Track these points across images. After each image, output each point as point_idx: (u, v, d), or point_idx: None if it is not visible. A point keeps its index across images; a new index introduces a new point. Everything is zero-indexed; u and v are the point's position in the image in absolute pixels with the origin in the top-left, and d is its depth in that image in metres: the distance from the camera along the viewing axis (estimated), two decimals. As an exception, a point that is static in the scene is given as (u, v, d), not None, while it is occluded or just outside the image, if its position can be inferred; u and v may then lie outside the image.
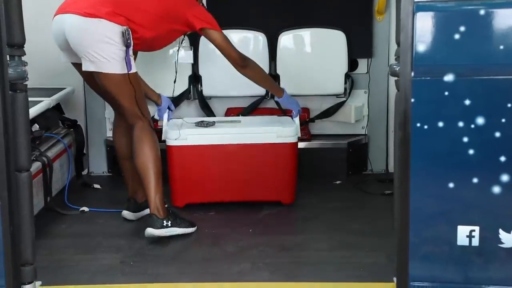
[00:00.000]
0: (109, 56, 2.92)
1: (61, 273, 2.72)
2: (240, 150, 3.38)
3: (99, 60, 2.94)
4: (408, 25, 1.93)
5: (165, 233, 2.99)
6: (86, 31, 2.93)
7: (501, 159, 1.91)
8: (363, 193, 3.69)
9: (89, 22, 2.93)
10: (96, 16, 2.93)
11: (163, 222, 2.99)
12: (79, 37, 2.96)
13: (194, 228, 3.11)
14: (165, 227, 2.98)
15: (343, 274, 2.66)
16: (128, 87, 2.99)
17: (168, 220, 3.00)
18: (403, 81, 1.96)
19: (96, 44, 2.92)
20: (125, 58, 2.93)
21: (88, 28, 2.93)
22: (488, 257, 1.96)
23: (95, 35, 2.92)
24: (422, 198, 1.97)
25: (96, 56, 2.93)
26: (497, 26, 1.88)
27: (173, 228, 3.01)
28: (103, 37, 2.92)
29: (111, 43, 2.92)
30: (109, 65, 2.94)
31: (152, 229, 2.97)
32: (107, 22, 2.92)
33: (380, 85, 3.99)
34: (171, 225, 3.00)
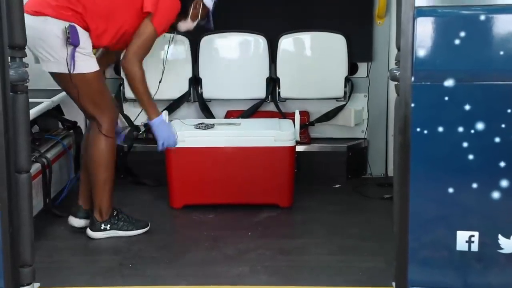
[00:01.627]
0: (56, 55, 2.85)
1: (60, 275, 2.72)
2: (238, 153, 3.39)
3: (48, 59, 2.88)
4: (408, 30, 1.93)
5: (103, 235, 3.07)
6: (34, 30, 2.76)
7: (501, 164, 1.91)
8: (362, 197, 3.69)
9: (36, 21, 2.83)
10: (42, 13, 2.84)
11: (101, 225, 3.07)
12: (30, 36, 2.71)
13: (141, 230, 3.13)
14: (102, 230, 3.08)
15: (342, 278, 2.66)
16: (73, 87, 2.89)
17: (107, 224, 3.08)
18: (403, 86, 1.97)
19: (44, 43, 2.85)
20: (69, 57, 2.82)
21: (36, 26, 2.80)
22: (487, 262, 1.96)
23: (42, 33, 2.83)
24: (421, 202, 1.97)
25: (45, 55, 2.87)
26: (497, 32, 1.89)
27: (112, 231, 3.09)
28: (49, 35, 2.84)
29: (57, 42, 2.83)
30: (55, 64, 2.87)
31: (89, 231, 3.09)
32: (52, 19, 2.83)
33: (380, 89, 4.00)
34: (109, 229, 3.08)
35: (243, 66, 3.93)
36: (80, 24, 2.88)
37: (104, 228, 3.08)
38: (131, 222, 3.13)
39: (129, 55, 2.96)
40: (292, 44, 3.92)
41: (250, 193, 3.43)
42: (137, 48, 2.96)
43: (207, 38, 3.91)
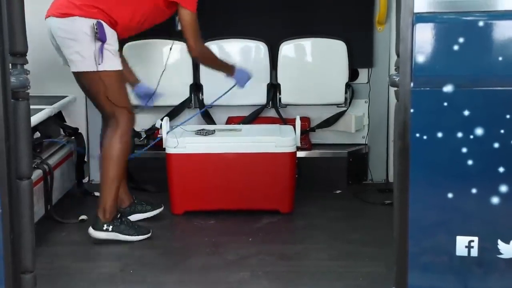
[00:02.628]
0: (85, 53, 2.93)
1: (61, 281, 2.72)
2: (239, 159, 3.40)
3: (77, 59, 2.95)
4: (407, 36, 1.94)
5: (104, 236, 3.07)
6: (64, 31, 2.95)
7: (500, 169, 1.91)
8: (363, 203, 3.69)
9: (65, 22, 2.94)
10: (69, 14, 2.93)
11: (103, 225, 3.07)
12: (60, 37, 2.98)
13: (143, 236, 3.13)
14: (104, 231, 3.07)
15: (343, 283, 2.66)
16: (103, 85, 2.96)
17: (109, 225, 3.06)
18: (403, 92, 1.97)
19: (73, 43, 2.94)
20: (97, 52, 2.89)
21: (65, 28, 2.95)
22: (487, 267, 1.96)
23: (72, 33, 2.93)
24: (421, 208, 1.97)
25: (74, 55, 2.95)
26: (496, 38, 1.89)
27: (113, 233, 3.08)
28: (78, 34, 2.92)
29: (86, 39, 2.91)
30: (84, 63, 2.94)
31: (91, 229, 3.10)
32: (80, 18, 2.92)
33: (381, 95, 4.00)
34: (111, 230, 3.08)
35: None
36: (106, 20, 2.97)
37: (106, 228, 3.08)
38: (133, 227, 3.14)
39: (194, 46, 3.15)
40: (293, 50, 3.93)
41: (251, 199, 3.43)
42: (194, 37, 3.13)
43: (207, 45, 3.92)
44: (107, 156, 3.07)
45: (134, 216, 3.34)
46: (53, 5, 3.05)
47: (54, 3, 3.06)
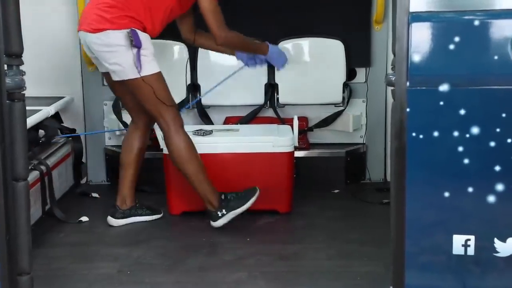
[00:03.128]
0: (124, 63, 3.03)
1: (58, 282, 2.72)
2: (237, 159, 3.39)
3: (116, 69, 3.07)
4: (403, 35, 1.94)
5: (225, 221, 3.19)
6: (99, 46, 3.06)
7: (496, 168, 1.91)
8: (361, 202, 3.69)
9: (99, 37, 3.04)
10: (101, 29, 3.03)
11: (217, 213, 3.18)
12: (97, 51, 3.09)
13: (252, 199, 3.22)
14: (221, 217, 3.19)
15: (341, 283, 2.66)
16: (145, 90, 3.06)
17: (221, 209, 3.18)
18: (399, 91, 1.97)
19: (111, 55, 3.04)
20: (136, 60, 3.00)
21: (100, 43, 3.05)
22: (483, 266, 1.96)
23: (107, 47, 3.04)
24: (417, 207, 1.97)
25: (114, 66, 3.06)
26: (492, 37, 1.89)
27: (229, 214, 3.18)
28: (114, 46, 3.02)
29: (122, 49, 3.01)
30: (124, 72, 3.04)
31: (211, 222, 3.21)
32: (113, 31, 3.01)
33: (378, 94, 4.00)
34: (226, 212, 3.19)
35: (241, 72, 3.93)
36: (138, 26, 3.05)
37: (221, 214, 3.18)
38: (240, 197, 3.21)
39: (217, 33, 3.14)
40: (291, 50, 3.92)
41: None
42: (216, 24, 3.12)
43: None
44: (178, 160, 3.16)
45: (132, 219, 3.35)
46: (85, 19, 3.13)
47: (85, 16, 3.14)
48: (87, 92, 4.05)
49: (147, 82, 3.04)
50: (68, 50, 4.00)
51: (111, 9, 3.03)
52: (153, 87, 3.06)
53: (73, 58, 4.01)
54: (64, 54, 4.01)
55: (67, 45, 4.00)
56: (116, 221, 3.34)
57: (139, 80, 3.04)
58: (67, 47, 4.00)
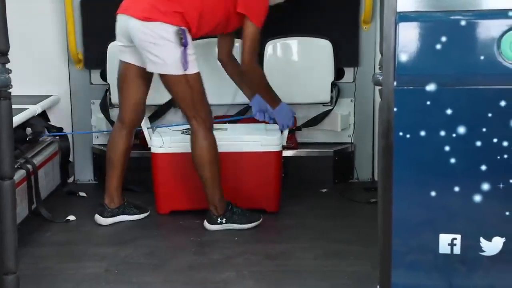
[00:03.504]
0: (167, 58, 3.00)
1: (45, 282, 2.71)
2: (225, 158, 3.38)
3: (157, 62, 3.03)
4: (391, 35, 1.95)
5: (220, 228, 3.21)
6: (145, 35, 3.00)
7: (482, 168, 1.92)
8: (349, 201, 3.70)
9: (148, 26, 2.99)
10: (152, 19, 2.99)
11: (217, 219, 3.21)
12: (140, 40, 3.04)
13: (255, 223, 3.26)
14: (219, 224, 3.21)
15: (328, 282, 2.67)
16: (184, 88, 3.05)
17: (222, 218, 3.21)
18: (386, 91, 1.98)
19: (155, 47, 3.00)
20: (182, 58, 2.98)
21: (146, 32, 3.00)
22: (469, 265, 1.97)
23: (154, 38, 2.99)
24: (404, 206, 1.98)
25: (154, 58, 3.03)
26: (478, 37, 1.90)
27: (227, 225, 3.22)
28: (162, 39, 2.99)
29: (169, 45, 2.98)
30: (165, 66, 3.02)
31: (206, 223, 3.23)
32: (164, 24, 2.98)
33: (366, 93, 4.01)
34: (225, 222, 3.22)
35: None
36: (184, 25, 3.03)
37: (220, 222, 3.22)
38: (245, 215, 3.26)
39: (246, 60, 3.19)
40: (279, 50, 3.93)
41: (236, 198, 3.42)
42: (249, 51, 3.17)
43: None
44: (199, 161, 3.17)
45: (120, 217, 3.34)
46: (133, 4, 3.07)
47: (133, 1, 3.08)
48: (74, 90, 4.03)
49: (189, 81, 3.05)
50: (55, 48, 3.98)
51: (167, 2, 3.00)
52: (193, 86, 3.07)
53: (60, 57, 3.99)
54: (51, 52, 3.99)
55: (54, 43, 3.98)
56: (104, 220, 3.33)
57: (181, 77, 3.03)
58: (54, 45, 3.98)
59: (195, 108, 3.12)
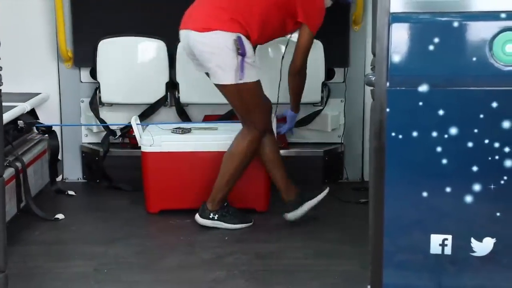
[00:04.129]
0: (227, 66, 3.02)
1: (34, 280, 2.69)
2: (215, 158, 3.39)
3: (217, 72, 3.04)
4: (383, 36, 1.95)
5: (210, 224, 3.21)
6: (205, 45, 3.03)
7: (473, 169, 1.93)
8: (339, 201, 3.70)
9: (206, 36, 3.02)
10: (209, 29, 3.00)
11: (210, 214, 3.20)
12: (199, 51, 3.06)
13: (246, 224, 3.26)
14: (210, 219, 3.21)
15: (318, 282, 2.67)
16: (238, 97, 3.09)
17: (215, 214, 3.21)
18: (379, 91, 1.98)
19: (215, 56, 3.03)
20: (239, 67, 3.00)
21: (206, 42, 3.03)
22: (460, 265, 1.98)
23: (213, 47, 3.02)
24: (396, 206, 1.99)
25: (215, 69, 3.04)
26: (470, 38, 1.91)
27: (217, 222, 3.22)
28: (221, 48, 3.00)
29: (228, 53, 2.99)
30: (225, 76, 3.03)
31: (198, 216, 3.23)
32: (222, 32, 2.98)
33: (357, 94, 4.02)
34: (217, 219, 3.22)
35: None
36: (243, 33, 3.03)
37: (212, 217, 3.22)
38: (237, 216, 3.26)
39: (299, 64, 3.26)
40: (269, 49, 3.93)
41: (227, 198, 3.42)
42: (303, 56, 3.24)
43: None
44: (233, 154, 3.19)
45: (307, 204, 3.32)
46: (190, 18, 3.09)
47: (191, 15, 3.10)
48: (63, 88, 4.01)
49: (243, 90, 3.06)
50: (45, 45, 3.95)
51: (224, 10, 3.01)
52: (248, 96, 3.09)
53: (50, 54, 3.97)
54: (40, 50, 3.96)
55: (43, 41, 3.95)
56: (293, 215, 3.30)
57: (236, 87, 3.04)
58: (43, 43, 3.95)
59: (249, 116, 3.17)
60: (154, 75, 3.91)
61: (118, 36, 3.89)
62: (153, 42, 3.91)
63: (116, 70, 3.90)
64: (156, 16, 3.91)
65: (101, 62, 3.89)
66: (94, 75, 3.95)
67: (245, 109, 3.16)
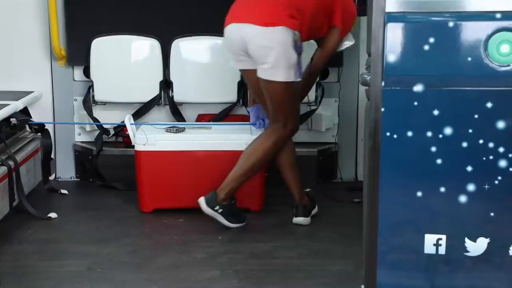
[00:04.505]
0: (282, 63, 2.96)
1: (26, 279, 2.67)
2: (209, 157, 3.38)
3: (271, 68, 2.98)
4: (379, 35, 1.95)
5: (210, 213, 3.17)
6: (264, 40, 2.96)
7: (468, 169, 1.94)
8: (333, 201, 3.70)
9: (268, 31, 2.96)
10: (273, 24, 2.96)
11: (216, 205, 3.16)
12: (258, 46, 2.99)
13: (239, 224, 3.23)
14: (214, 210, 3.17)
15: (312, 281, 2.67)
16: (285, 95, 3.05)
17: (221, 207, 3.17)
18: (374, 91, 1.98)
19: (271, 52, 2.96)
20: (296, 65, 2.98)
21: (267, 37, 2.96)
22: (454, 265, 1.99)
23: (275, 43, 2.95)
24: (390, 206, 1.99)
25: (270, 63, 2.98)
26: (465, 38, 1.92)
27: (219, 215, 3.18)
28: (278, 43, 2.96)
29: (286, 49, 2.96)
30: (278, 72, 2.98)
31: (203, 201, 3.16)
32: (285, 28, 2.95)
33: (351, 94, 4.02)
34: (219, 213, 3.17)
35: (214, 70, 3.93)
36: (299, 30, 3.01)
37: (216, 209, 3.16)
38: (238, 216, 3.23)
39: (321, 63, 3.25)
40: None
41: (220, 197, 3.42)
42: (328, 56, 3.23)
43: (178, 41, 3.90)
44: (256, 151, 3.17)
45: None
46: (248, 12, 3.03)
47: (249, 10, 3.03)
48: (57, 87, 3.99)
49: (291, 88, 3.03)
50: (38, 44, 3.93)
51: (283, 8, 2.97)
52: (293, 94, 3.07)
53: (43, 52, 3.95)
54: (33, 48, 3.94)
55: (37, 39, 3.92)
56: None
57: (287, 84, 3.00)
58: (37, 41, 3.93)
59: (285, 115, 3.13)
60: (148, 73, 3.90)
61: (112, 35, 3.88)
62: (147, 41, 3.90)
63: (110, 68, 3.89)
64: (150, 14, 3.90)
65: (95, 60, 3.87)
66: (87, 74, 3.93)
67: (284, 108, 3.10)
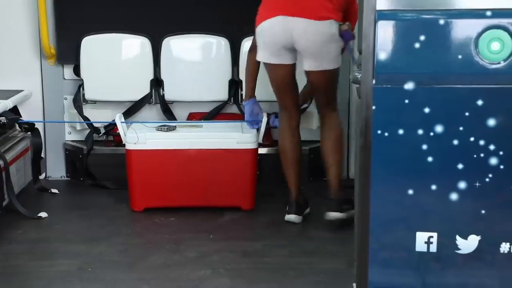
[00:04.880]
0: (332, 54, 3.12)
1: (17, 279, 2.66)
2: (200, 155, 3.38)
3: (324, 59, 3.12)
4: (370, 33, 1.95)
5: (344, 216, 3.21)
6: (318, 33, 3.06)
7: (459, 166, 1.94)
8: (324, 199, 3.70)
9: (323, 25, 3.06)
10: (328, 17, 3.05)
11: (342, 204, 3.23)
12: (310, 40, 3.07)
13: None
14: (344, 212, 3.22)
15: (304, 280, 2.67)
16: (332, 80, 3.24)
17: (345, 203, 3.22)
18: (365, 89, 1.98)
19: (324, 45, 3.08)
20: (349, 49, 3.13)
21: (323, 31, 3.07)
22: (445, 263, 1.99)
23: (327, 36, 3.07)
24: (382, 204, 1.99)
25: (322, 55, 3.10)
26: (456, 36, 1.92)
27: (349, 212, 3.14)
28: (329, 36, 3.08)
29: (336, 41, 3.10)
30: (330, 61, 3.14)
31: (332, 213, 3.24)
32: (335, 22, 3.08)
33: (341, 92, 4.02)
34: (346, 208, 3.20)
35: (205, 68, 3.92)
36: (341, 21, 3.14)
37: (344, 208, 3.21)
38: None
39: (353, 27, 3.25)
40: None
41: (212, 196, 3.41)
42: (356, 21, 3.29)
43: (168, 39, 3.89)
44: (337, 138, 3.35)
45: None
46: (296, 6, 3.07)
47: (296, 4, 3.07)
48: (46, 86, 3.97)
49: (336, 74, 3.24)
50: (27, 42, 3.91)
51: (328, 1, 3.06)
52: (337, 79, 3.28)
53: (32, 51, 3.92)
54: (22, 46, 3.92)
55: (26, 37, 3.90)
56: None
57: (334, 71, 3.19)
58: (26, 39, 3.91)
59: (333, 99, 3.33)
60: (138, 72, 3.89)
61: (102, 33, 3.87)
62: (137, 39, 3.89)
63: (100, 67, 3.87)
64: (141, 12, 3.89)
65: (85, 59, 3.86)
66: (77, 72, 3.91)
67: (333, 91, 3.31)
